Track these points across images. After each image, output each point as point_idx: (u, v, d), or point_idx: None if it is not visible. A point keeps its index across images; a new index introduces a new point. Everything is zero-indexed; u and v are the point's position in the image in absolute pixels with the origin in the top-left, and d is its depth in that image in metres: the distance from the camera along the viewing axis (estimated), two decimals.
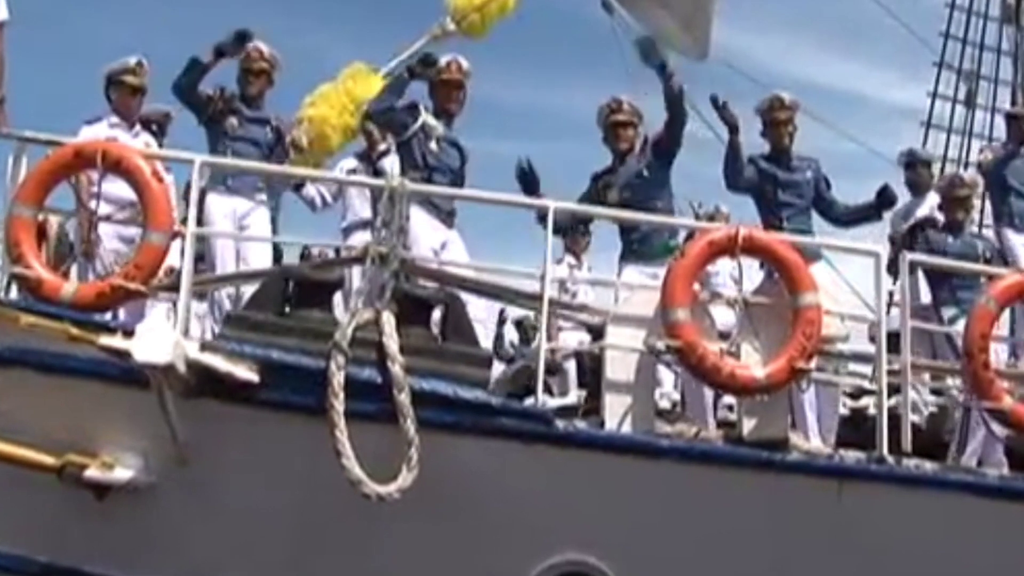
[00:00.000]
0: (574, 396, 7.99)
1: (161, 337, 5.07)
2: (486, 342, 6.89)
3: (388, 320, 5.54)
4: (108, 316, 6.12)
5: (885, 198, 7.55)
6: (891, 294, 6.77)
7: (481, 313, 6.62)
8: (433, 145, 7.01)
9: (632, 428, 5.81)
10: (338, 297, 6.18)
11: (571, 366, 8.56)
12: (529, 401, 7.41)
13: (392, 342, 5.47)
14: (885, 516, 5.91)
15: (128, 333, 5.14)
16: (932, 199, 8.54)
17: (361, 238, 7.20)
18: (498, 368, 9.79)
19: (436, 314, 5.89)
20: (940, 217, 8.30)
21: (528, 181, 7.09)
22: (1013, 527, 6.11)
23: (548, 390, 9.24)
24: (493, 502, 5.53)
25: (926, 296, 7.69)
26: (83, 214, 6.25)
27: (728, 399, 7.22)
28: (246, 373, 5.42)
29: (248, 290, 6.26)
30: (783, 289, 5.96)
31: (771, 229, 7.20)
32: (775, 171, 7.44)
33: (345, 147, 8.03)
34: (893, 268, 7.23)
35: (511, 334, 10.11)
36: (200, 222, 6.97)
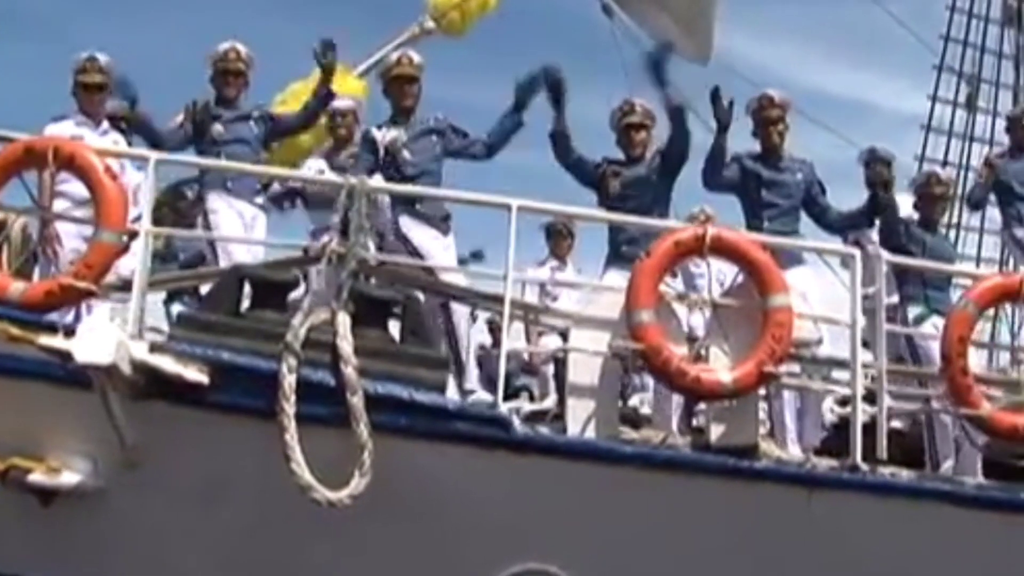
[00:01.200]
0: (551, 401, 7.85)
1: (103, 337, 4.92)
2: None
3: (343, 321, 5.39)
4: (71, 317, 6.05)
5: (877, 204, 7.41)
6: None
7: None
8: (406, 154, 6.85)
9: (595, 433, 5.66)
10: None
11: (550, 370, 8.42)
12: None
13: (346, 344, 5.31)
14: (857, 525, 5.74)
15: (70, 333, 5.01)
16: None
17: None
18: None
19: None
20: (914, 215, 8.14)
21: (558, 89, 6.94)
22: (990, 537, 5.94)
23: (529, 395, 9.16)
24: (450, 509, 5.37)
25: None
26: (39, 212, 6.12)
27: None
28: (195, 375, 5.27)
29: None
30: (753, 291, 5.80)
31: (754, 230, 7.07)
32: (760, 169, 7.28)
33: (316, 146, 7.90)
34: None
35: (482, 336, 9.95)
36: (206, 226, 6.93)
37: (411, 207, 6.74)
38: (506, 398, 8.03)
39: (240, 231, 6.98)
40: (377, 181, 6.75)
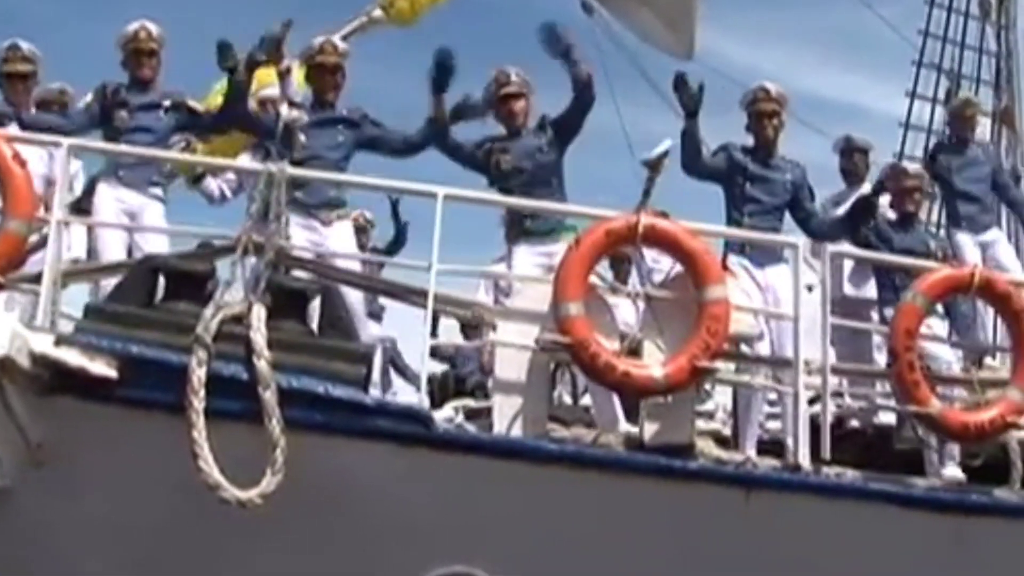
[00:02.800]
0: None
1: None
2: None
3: (258, 313, 5.17)
4: None
5: (860, 212, 7.21)
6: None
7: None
8: (301, 136, 6.46)
9: (523, 431, 5.43)
10: None
11: None
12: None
13: (259, 336, 5.08)
14: (798, 527, 5.52)
15: None
16: (867, 190, 8.16)
17: None
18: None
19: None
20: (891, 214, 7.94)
21: (443, 73, 6.63)
22: (939, 540, 5.72)
23: (486, 393, 8.96)
24: (369, 509, 5.14)
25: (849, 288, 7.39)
26: None
27: None
28: (102, 368, 5.05)
29: None
30: (688, 282, 5.57)
31: (733, 223, 6.87)
32: (748, 163, 7.05)
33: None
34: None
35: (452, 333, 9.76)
36: (90, 213, 6.70)
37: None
38: (463, 396, 7.87)
39: (114, 220, 6.70)
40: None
